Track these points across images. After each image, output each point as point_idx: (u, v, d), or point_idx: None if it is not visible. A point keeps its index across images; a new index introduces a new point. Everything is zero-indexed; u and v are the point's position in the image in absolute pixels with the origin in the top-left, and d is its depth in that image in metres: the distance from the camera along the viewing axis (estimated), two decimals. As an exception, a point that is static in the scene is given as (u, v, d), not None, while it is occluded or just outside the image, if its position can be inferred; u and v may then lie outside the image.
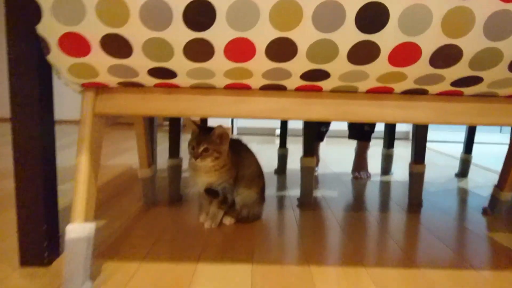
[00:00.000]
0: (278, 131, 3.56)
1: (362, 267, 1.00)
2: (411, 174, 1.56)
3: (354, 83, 0.86)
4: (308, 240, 1.16)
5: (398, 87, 0.87)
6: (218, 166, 1.22)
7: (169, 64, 0.79)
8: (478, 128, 2.78)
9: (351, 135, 2.03)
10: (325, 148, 2.94)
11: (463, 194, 1.75)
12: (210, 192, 1.24)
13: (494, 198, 1.46)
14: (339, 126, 3.37)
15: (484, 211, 1.48)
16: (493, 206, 1.46)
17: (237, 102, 0.90)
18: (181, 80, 0.85)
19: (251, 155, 1.32)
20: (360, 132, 2.00)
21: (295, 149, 2.87)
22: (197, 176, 1.25)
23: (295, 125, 3.22)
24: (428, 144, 3.34)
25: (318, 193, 1.68)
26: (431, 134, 3.53)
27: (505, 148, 3.42)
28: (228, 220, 1.28)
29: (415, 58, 0.77)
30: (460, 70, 0.80)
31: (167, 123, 3.89)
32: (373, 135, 2.02)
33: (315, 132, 1.54)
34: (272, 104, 0.90)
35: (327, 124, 2.05)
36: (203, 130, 1.21)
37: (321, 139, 2.05)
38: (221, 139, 1.21)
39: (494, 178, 2.11)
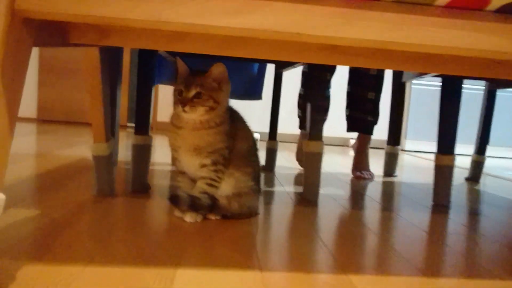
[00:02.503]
0: (256, 135, 3.23)
1: (420, 276, 0.67)
2: (437, 167, 1.26)
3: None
4: (333, 243, 0.83)
5: (498, -4, 0.58)
6: (214, 123, 0.88)
7: None
8: (468, 140, 2.56)
9: (351, 127, 1.73)
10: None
11: (486, 197, 1.47)
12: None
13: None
14: (330, 132, 3.08)
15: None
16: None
17: (239, 10, 0.57)
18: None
19: (248, 127, 0.99)
20: (362, 123, 1.70)
21: (281, 156, 2.55)
22: (180, 136, 0.89)
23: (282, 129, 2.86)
24: (421, 155, 3.10)
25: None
26: (422, 145, 3.29)
27: (497, 161, 3.23)
28: (213, 215, 0.93)
29: None
30: None
31: (132, 124, 3.44)
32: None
33: (323, 113, 1.22)
34: (294, 14, 0.57)
35: (325, 111, 1.74)
36: (195, 71, 0.87)
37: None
38: (220, 83, 0.87)
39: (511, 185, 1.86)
